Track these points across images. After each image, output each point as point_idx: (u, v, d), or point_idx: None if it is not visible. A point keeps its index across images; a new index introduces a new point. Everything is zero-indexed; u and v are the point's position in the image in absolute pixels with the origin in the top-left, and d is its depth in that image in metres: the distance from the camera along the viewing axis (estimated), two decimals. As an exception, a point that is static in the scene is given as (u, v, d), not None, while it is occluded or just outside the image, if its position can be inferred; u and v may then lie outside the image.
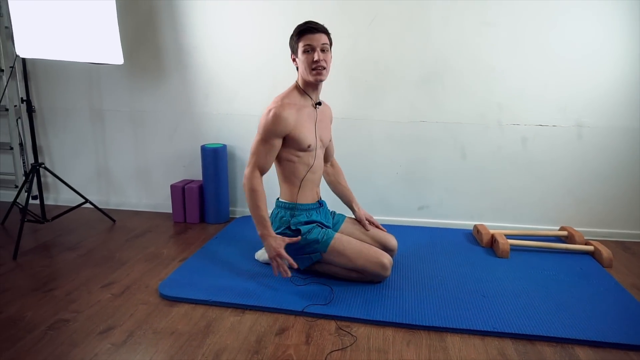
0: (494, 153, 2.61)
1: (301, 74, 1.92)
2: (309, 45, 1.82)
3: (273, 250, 1.86)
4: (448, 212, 2.73)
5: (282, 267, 1.86)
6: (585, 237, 2.44)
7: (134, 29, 2.74)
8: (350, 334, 1.61)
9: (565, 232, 2.49)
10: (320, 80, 1.89)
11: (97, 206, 2.76)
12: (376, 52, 2.57)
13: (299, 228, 1.94)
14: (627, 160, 2.51)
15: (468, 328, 1.63)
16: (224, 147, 2.74)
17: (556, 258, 2.26)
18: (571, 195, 2.60)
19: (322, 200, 2.12)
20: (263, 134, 1.87)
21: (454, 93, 2.56)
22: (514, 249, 2.34)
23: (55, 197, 3.11)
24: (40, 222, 2.47)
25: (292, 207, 1.99)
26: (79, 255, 2.27)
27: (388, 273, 1.90)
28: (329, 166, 2.25)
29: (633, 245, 2.52)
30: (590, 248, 2.30)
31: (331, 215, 2.16)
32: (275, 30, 2.61)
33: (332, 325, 1.67)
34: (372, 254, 1.90)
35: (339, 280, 1.96)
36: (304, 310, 1.72)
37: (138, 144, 2.95)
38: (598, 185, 2.56)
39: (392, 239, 2.09)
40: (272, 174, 2.09)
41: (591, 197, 2.59)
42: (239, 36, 2.67)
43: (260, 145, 1.88)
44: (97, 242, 2.44)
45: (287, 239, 1.89)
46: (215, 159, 2.68)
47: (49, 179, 3.09)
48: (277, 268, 1.87)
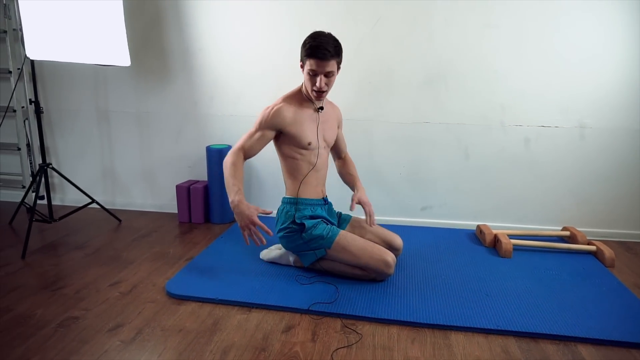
0: (497, 154, 2.63)
1: (305, 85, 1.96)
2: (314, 71, 1.85)
3: (246, 217, 1.77)
4: (451, 213, 2.75)
5: (256, 235, 1.78)
6: (588, 237, 2.46)
7: (141, 31, 2.77)
8: (356, 332, 1.63)
9: (567, 232, 2.50)
10: (319, 100, 1.96)
11: (104, 206, 2.79)
12: (380, 53, 2.59)
13: (304, 222, 1.96)
14: (629, 161, 2.52)
15: (472, 326, 1.65)
16: (228, 148, 2.76)
17: (559, 258, 2.28)
18: (573, 196, 2.62)
19: (327, 199, 2.14)
20: (258, 122, 1.95)
21: (457, 94, 2.58)
22: (517, 248, 2.36)
23: (61, 198, 3.14)
24: (47, 222, 2.50)
25: (295, 201, 2.02)
26: (86, 254, 2.29)
27: (391, 271, 1.92)
28: (340, 160, 2.29)
29: (635, 245, 2.53)
30: (593, 248, 2.31)
31: (337, 215, 2.19)
32: (280, 34, 2.63)
33: (337, 323, 1.69)
34: (375, 251, 1.92)
35: (344, 278, 1.98)
36: (310, 309, 1.75)
37: (144, 145, 2.98)
38: (600, 185, 2.58)
39: (398, 238, 2.11)
40: (278, 172, 2.12)
41: (593, 197, 2.60)
42: (244, 39, 2.69)
43: (252, 132, 1.94)
44: (104, 242, 2.47)
45: (260, 209, 1.81)
46: (220, 160, 2.67)
47: (55, 180, 3.12)
48: (249, 236, 1.79)
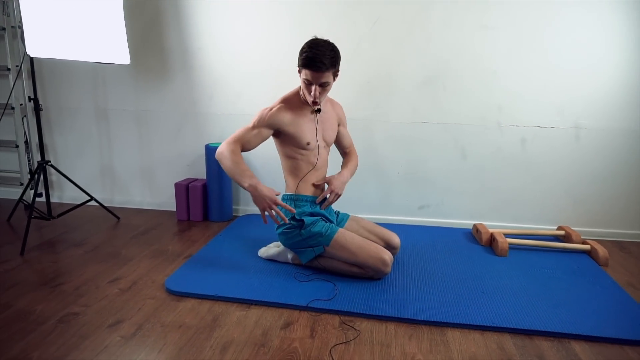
0: (494, 154, 2.66)
1: (301, 89, 1.97)
2: (309, 80, 1.86)
3: (268, 198, 1.82)
4: (448, 212, 2.77)
5: (279, 215, 1.85)
6: (582, 237, 2.50)
7: (140, 30, 2.78)
8: (354, 328, 1.65)
9: (562, 232, 2.53)
10: (315, 107, 1.96)
11: (102, 204, 2.80)
12: (378, 54, 2.61)
13: (303, 219, 1.98)
14: (624, 162, 2.56)
15: (468, 323, 1.67)
16: (227, 146, 2.78)
17: (554, 257, 2.31)
18: (569, 196, 2.65)
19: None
20: (256, 120, 1.94)
21: (455, 95, 2.61)
22: (513, 247, 2.39)
23: (59, 195, 3.14)
24: (46, 219, 2.51)
25: (295, 198, 2.05)
26: (85, 251, 2.30)
27: (388, 269, 1.94)
28: (345, 156, 2.30)
29: (629, 245, 2.57)
30: (587, 247, 2.34)
31: (335, 214, 2.21)
32: (279, 33, 2.65)
33: (335, 319, 1.71)
34: (373, 249, 1.94)
35: (341, 276, 2.00)
36: (309, 305, 1.76)
37: (143, 143, 2.99)
38: (595, 185, 2.61)
39: (395, 237, 2.13)
40: (278, 170, 2.14)
41: (588, 197, 2.64)
42: (244, 38, 2.71)
43: (249, 129, 1.93)
44: (103, 239, 2.48)
45: (275, 190, 1.87)
46: (219, 158, 2.72)
47: (53, 177, 3.12)
48: (271, 216, 1.85)
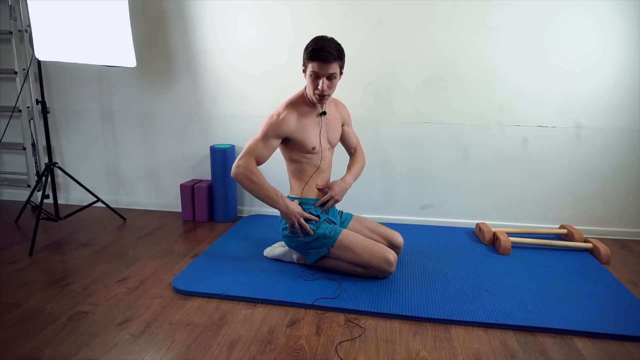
0: (496, 153, 2.68)
1: (307, 89, 1.99)
2: (316, 73, 1.86)
3: (298, 213, 1.97)
4: (451, 211, 2.80)
5: (305, 228, 1.97)
6: (584, 235, 2.51)
7: (145, 32, 2.81)
8: (359, 326, 1.68)
9: (564, 230, 2.55)
10: (321, 103, 1.98)
11: (109, 205, 2.83)
12: (381, 55, 2.64)
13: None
14: (625, 161, 2.58)
15: (472, 320, 1.69)
16: (232, 147, 2.81)
17: (556, 255, 2.33)
18: (570, 195, 2.67)
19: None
20: (264, 132, 1.95)
21: (457, 95, 2.63)
22: (515, 246, 2.41)
23: (66, 197, 3.18)
24: (53, 220, 2.54)
25: (300, 202, 2.07)
26: (92, 251, 2.33)
27: (393, 269, 1.97)
28: (352, 155, 2.31)
29: (630, 243, 2.58)
30: (589, 245, 2.36)
31: (339, 214, 2.23)
32: (283, 35, 2.68)
33: (341, 317, 1.73)
34: (377, 249, 1.96)
35: (346, 275, 2.03)
36: (314, 304, 1.79)
37: (148, 145, 3.02)
38: (597, 184, 2.63)
39: (398, 236, 2.16)
40: (282, 171, 2.16)
41: (590, 196, 2.66)
42: (247, 40, 2.74)
43: (260, 142, 1.95)
44: (110, 240, 2.51)
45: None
46: (223, 159, 2.75)
47: (59, 179, 3.16)
48: (299, 229, 1.98)
